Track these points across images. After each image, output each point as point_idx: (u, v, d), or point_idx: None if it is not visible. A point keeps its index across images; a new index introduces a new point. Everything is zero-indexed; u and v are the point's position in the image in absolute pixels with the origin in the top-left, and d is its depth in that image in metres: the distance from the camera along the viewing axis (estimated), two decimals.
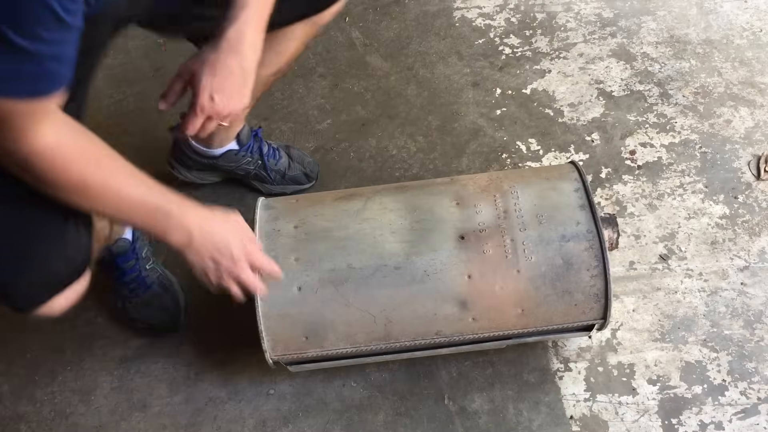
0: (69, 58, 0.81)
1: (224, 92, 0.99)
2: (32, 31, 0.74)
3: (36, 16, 0.73)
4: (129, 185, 0.94)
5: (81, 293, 1.03)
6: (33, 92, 0.80)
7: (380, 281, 1.08)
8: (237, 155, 1.47)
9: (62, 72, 0.81)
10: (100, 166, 0.91)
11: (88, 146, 0.91)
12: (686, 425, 1.19)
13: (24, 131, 0.82)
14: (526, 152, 1.60)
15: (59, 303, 1.00)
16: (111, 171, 0.92)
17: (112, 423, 1.27)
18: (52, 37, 0.76)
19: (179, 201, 0.98)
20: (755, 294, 1.34)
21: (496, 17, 1.91)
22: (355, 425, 1.23)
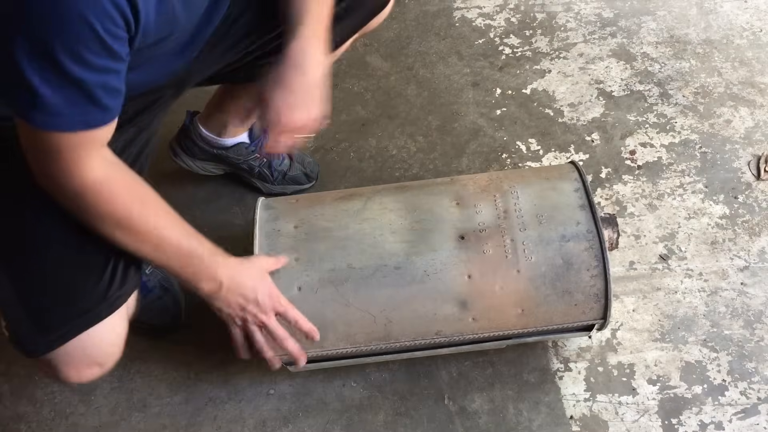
0: (118, 90, 0.82)
1: (290, 107, 1.01)
2: (81, 56, 0.75)
3: (83, 41, 0.74)
4: (169, 227, 0.96)
5: (114, 356, 1.01)
6: (84, 124, 0.81)
7: (380, 281, 1.08)
8: (247, 149, 1.47)
9: (111, 104, 0.82)
10: (144, 205, 0.93)
11: (134, 184, 0.93)
12: (686, 425, 1.19)
13: (75, 164, 0.84)
14: (526, 152, 1.60)
15: (91, 371, 1.00)
16: (154, 211, 0.95)
17: (112, 423, 1.27)
18: (99, 64, 0.77)
19: (213, 250, 1.01)
20: (755, 294, 1.34)
21: (496, 17, 1.91)
22: (355, 425, 1.23)
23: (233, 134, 1.45)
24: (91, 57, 0.75)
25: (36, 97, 0.76)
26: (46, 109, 0.77)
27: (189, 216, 1.54)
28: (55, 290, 0.96)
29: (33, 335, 0.94)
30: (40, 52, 0.73)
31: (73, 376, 0.98)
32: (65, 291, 0.96)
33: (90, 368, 0.99)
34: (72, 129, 0.80)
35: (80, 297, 0.96)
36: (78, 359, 0.96)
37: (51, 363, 0.96)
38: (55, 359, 0.95)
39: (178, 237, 0.97)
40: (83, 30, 0.73)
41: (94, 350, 0.97)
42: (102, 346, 0.97)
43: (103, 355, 0.98)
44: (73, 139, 0.81)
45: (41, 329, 0.94)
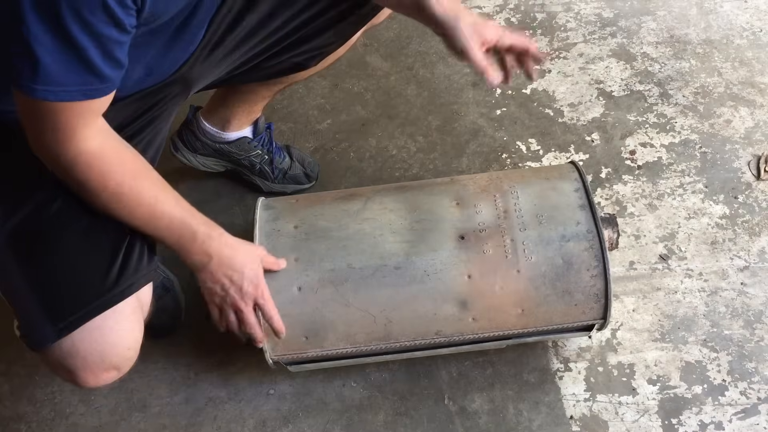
0: (119, 61, 0.82)
1: (484, 26, 1.03)
2: (86, 22, 0.75)
3: (90, 5, 0.74)
4: (162, 200, 0.96)
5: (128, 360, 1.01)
6: (82, 94, 0.81)
7: (380, 281, 1.08)
8: (249, 144, 1.46)
9: (111, 74, 0.82)
10: (136, 177, 0.93)
11: (127, 157, 0.93)
12: (686, 425, 1.19)
13: (71, 133, 0.84)
14: (526, 152, 1.60)
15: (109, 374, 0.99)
16: (148, 183, 0.95)
17: (112, 423, 1.27)
18: (104, 31, 0.77)
19: (209, 225, 1.01)
20: (755, 294, 1.34)
21: (496, 17, 1.91)
22: (355, 425, 1.23)
23: (236, 128, 1.44)
24: (96, 23, 0.75)
25: (36, 64, 0.76)
26: (46, 78, 0.77)
27: None
28: (66, 277, 0.96)
29: (43, 324, 0.93)
30: (47, 13, 0.73)
31: (90, 380, 0.98)
32: (75, 277, 0.96)
33: (107, 372, 0.98)
34: (70, 99, 0.80)
35: (90, 283, 0.95)
36: (96, 364, 0.96)
37: (69, 368, 0.96)
38: (73, 364, 0.95)
39: (171, 210, 0.97)
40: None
41: (111, 354, 0.96)
42: (119, 350, 0.97)
43: (120, 359, 0.98)
44: (70, 109, 0.81)
45: (52, 317, 0.93)
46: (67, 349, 0.94)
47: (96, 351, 0.95)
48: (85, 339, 0.94)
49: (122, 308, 0.96)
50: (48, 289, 0.95)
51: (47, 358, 0.97)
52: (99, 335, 0.94)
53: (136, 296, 0.99)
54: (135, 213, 0.94)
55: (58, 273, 0.96)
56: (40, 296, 0.94)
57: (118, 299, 0.96)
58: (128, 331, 0.98)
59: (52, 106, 0.81)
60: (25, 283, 0.95)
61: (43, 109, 0.81)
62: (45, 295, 0.94)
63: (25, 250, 0.96)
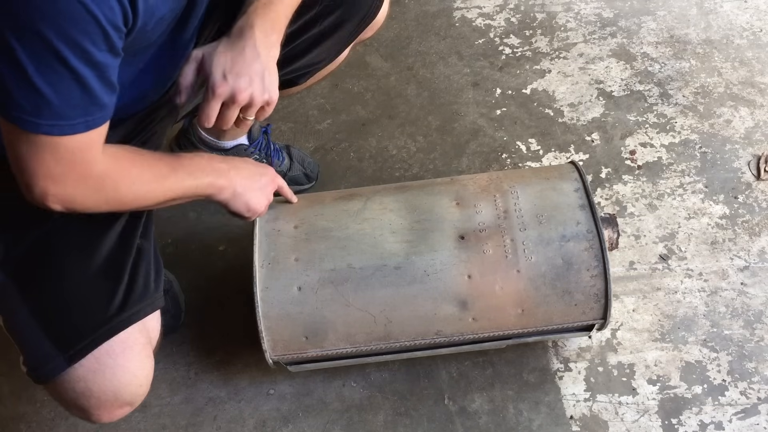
0: (115, 86, 0.81)
1: (239, 73, 0.91)
2: (84, 50, 0.73)
3: (88, 33, 0.72)
4: (176, 178, 0.96)
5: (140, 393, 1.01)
6: (87, 124, 0.80)
7: (380, 281, 1.08)
8: (246, 150, 1.47)
9: (109, 101, 0.81)
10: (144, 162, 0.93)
11: (135, 158, 0.93)
12: (686, 425, 1.19)
13: (92, 154, 0.84)
14: (526, 152, 1.60)
15: (122, 410, 1.00)
16: (158, 173, 0.95)
17: (112, 423, 1.26)
18: (100, 58, 0.76)
19: (215, 166, 1.03)
20: (755, 294, 1.34)
21: (496, 17, 1.91)
22: (355, 425, 1.23)
23: (232, 137, 1.45)
24: (93, 50, 0.74)
25: (39, 98, 0.74)
26: (50, 112, 0.76)
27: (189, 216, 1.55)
28: (71, 306, 0.95)
29: (53, 354, 0.93)
30: (43, 46, 0.71)
31: (104, 417, 0.98)
32: (81, 306, 0.95)
33: (121, 408, 0.99)
34: (73, 132, 0.79)
35: (97, 310, 0.95)
36: (109, 402, 0.96)
37: (83, 407, 0.96)
38: (87, 404, 0.95)
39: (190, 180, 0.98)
40: (88, 21, 0.72)
41: (124, 393, 0.97)
42: (132, 388, 0.97)
43: (133, 396, 0.98)
44: (75, 141, 0.80)
45: (60, 346, 0.93)
46: (80, 390, 0.94)
47: (110, 390, 0.95)
48: (98, 380, 0.94)
49: (132, 345, 0.96)
50: (54, 319, 0.94)
51: (60, 396, 0.96)
52: (111, 375, 0.94)
53: (145, 330, 0.99)
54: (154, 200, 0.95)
55: (63, 302, 0.95)
56: (47, 327, 0.94)
57: (125, 325, 0.95)
58: (140, 369, 0.98)
59: (56, 140, 0.79)
60: (31, 315, 0.94)
61: (45, 142, 0.79)
62: (52, 325, 0.94)
63: (29, 282, 0.96)
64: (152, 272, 1.02)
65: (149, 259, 1.02)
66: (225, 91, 0.91)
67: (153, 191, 0.94)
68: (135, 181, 0.91)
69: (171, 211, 1.52)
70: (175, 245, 1.48)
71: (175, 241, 1.48)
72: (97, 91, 0.78)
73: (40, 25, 0.70)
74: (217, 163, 1.04)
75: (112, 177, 0.88)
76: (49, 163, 0.81)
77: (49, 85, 0.74)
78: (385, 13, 1.28)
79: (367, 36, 1.29)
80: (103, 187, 0.88)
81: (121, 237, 0.99)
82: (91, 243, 0.97)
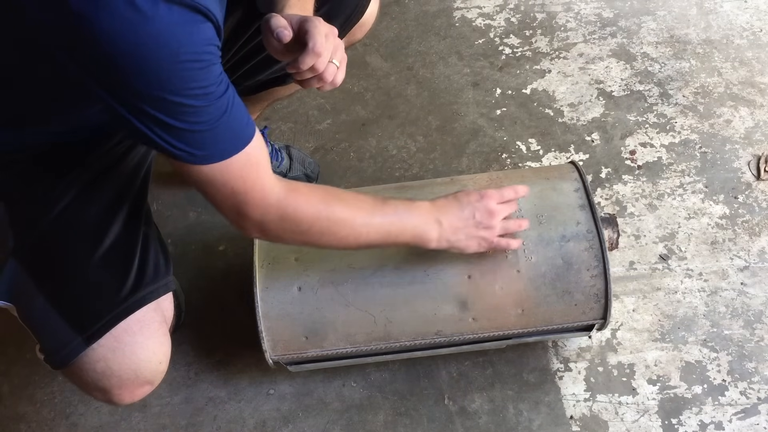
0: (239, 100, 0.83)
1: (330, 31, 0.93)
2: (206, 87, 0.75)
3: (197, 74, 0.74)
4: (371, 214, 0.96)
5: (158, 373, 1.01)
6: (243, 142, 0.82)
7: (380, 281, 1.08)
8: None
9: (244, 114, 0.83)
10: (340, 200, 0.94)
11: (317, 192, 0.94)
12: (686, 425, 1.19)
13: (264, 177, 0.85)
14: (526, 152, 1.60)
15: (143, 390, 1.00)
16: (350, 204, 0.95)
17: (112, 423, 1.27)
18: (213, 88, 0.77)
19: (415, 212, 1.00)
20: (755, 294, 1.34)
21: (496, 17, 1.91)
22: (355, 425, 1.23)
23: None
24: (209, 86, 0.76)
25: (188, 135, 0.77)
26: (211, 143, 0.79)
27: (189, 216, 1.55)
28: (85, 289, 0.96)
29: (71, 336, 0.94)
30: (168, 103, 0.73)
31: (126, 397, 0.98)
32: (95, 288, 0.96)
33: (142, 387, 0.99)
34: (236, 150, 0.81)
35: (111, 292, 0.96)
36: (130, 380, 0.97)
37: (104, 388, 0.96)
38: (108, 384, 0.96)
39: (373, 222, 0.96)
40: (193, 66, 0.73)
41: (144, 370, 0.97)
42: (152, 365, 0.98)
43: (152, 374, 0.99)
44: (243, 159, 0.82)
45: (78, 328, 0.94)
46: (101, 370, 0.95)
47: (130, 369, 0.96)
48: (117, 359, 0.95)
49: (149, 323, 0.97)
50: (69, 304, 0.95)
51: (81, 379, 0.97)
52: (131, 353, 0.95)
53: (160, 310, 1.00)
54: (345, 238, 0.95)
55: (77, 287, 0.96)
56: (63, 311, 0.94)
57: (140, 305, 0.96)
58: (159, 345, 0.99)
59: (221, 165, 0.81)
60: (46, 302, 0.95)
61: (213, 172, 0.82)
62: (68, 310, 0.95)
63: (42, 270, 0.96)
64: (161, 257, 1.02)
65: (156, 245, 1.03)
66: (326, 49, 0.91)
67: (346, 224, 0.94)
68: (325, 210, 0.92)
69: (171, 210, 1.53)
70: (175, 245, 1.48)
71: (175, 241, 1.48)
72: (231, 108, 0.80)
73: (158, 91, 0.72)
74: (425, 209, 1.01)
75: (297, 202, 0.89)
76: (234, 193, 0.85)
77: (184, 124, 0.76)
78: (374, 16, 1.27)
79: (357, 38, 1.28)
80: (297, 210, 0.89)
81: (127, 224, 1.00)
82: (100, 229, 0.97)
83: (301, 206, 0.90)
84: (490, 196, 1.04)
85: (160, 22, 0.68)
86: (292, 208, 0.89)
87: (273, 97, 1.36)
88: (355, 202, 0.96)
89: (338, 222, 0.93)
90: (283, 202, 0.88)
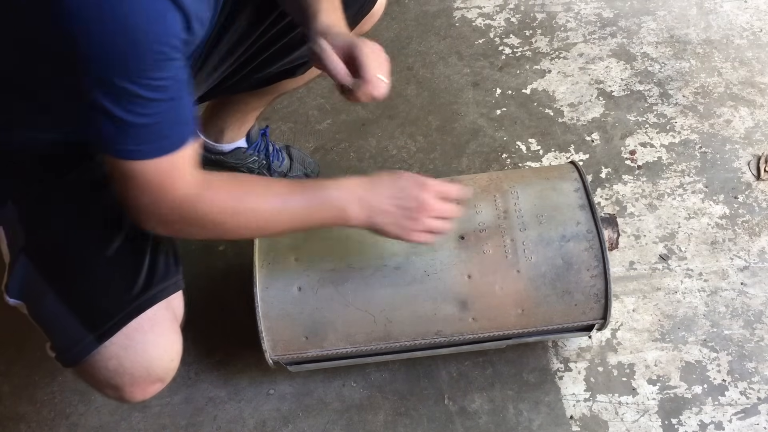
0: (190, 101, 0.82)
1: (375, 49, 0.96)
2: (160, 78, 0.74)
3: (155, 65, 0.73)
4: (284, 199, 0.94)
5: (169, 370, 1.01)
6: (180, 143, 0.81)
7: (380, 281, 1.08)
8: (245, 153, 1.47)
9: (189, 117, 0.82)
10: (250, 192, 0.92)
11: (229, 180, 0.93)
12: (686, 425, 1.19)
13: (175, 179, 0.84)
14: (526, 152, 1.60)
15: (154, 387, 0.99)
16: (260, 193, 0.93)
17: (112, 423, 1.27)
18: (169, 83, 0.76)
19: (336, 186, 0.96)
20: (755, 294, 1.34)
21: (496, 17, 1.91)
22: (355, 425, 1.23)
23: (230, 140, 1.45)
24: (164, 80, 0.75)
25: (127, 127, 0.76)
26: (137, 137, 0.77)
27: None
28: (97, 286, 0.96)
29: (82, 334, 0.94)
30: (117, 89, 0.73)
31: (138, 395, 0.98)
32: (107, 286, 0.96)
33: (153, 385, 0.99)
34: (159, 154, 0.80)
35: (122, 290, 0.96)
36: (142, 378, 0.96)
37: (116, 385, 0.96)
38: (120, 381, 0.95)
39: (300, 200, 0.95)
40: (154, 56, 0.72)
41: (156, 368, 0.97)
42: (163, 362, 0.98)
43: (164, 371, 0.99)
44: (163, 164, 0.81)
45: (90, 326, 0.94)
46: (113, 368, 0.94)
47: (142, 366, 0.95)
48: (129, 356, 0.94)
49: (160, 321, 0.97)
50: (81, 301, 0.95)
51: (93, 377, 0.97)
52: (143, 350, 0.95)
53: (171, 309, 1.00)
54: (263, 228, 0.95)
55: (89, 285, 0.96)
56: (74, 309, 0.94)
57: (151, 303, 0.96)
58: (170, 343, 0.98)
59: (146, 163, 0.80)
60: (57, 299, 0.95)
61: (136, 168, 0.81)
62: (79, 307, 0.94)
63: (53, 268, 0.96)
64: (171, 255, 1.02)
65: (166, 243, 1.03)
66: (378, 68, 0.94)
67: (261, 212, 0.93)
68: (238, 202, 0.91)
69: None
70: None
71: None
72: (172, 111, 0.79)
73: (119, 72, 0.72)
74: (329, 183, 0.97)
75: (209, 197, 0.88)
76: (144, 186, 0.83)
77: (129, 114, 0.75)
78: (383, 6, 1.28)
79: (365, 29, 1.29)
80: (208, 205, 0.88)
81: None
82: (110, 227, 0.97)
83: (211, 208, 0.89)
84: (429, 188, 0.99)
85: (128, 4, 0.68)
86: (201, 212, 0.88)
87: (280, 90, 1.35)
88: (268, 191, 0.94)
89: (251, 216, 0.92)
90: (193, 206, 0.87)
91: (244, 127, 1.44)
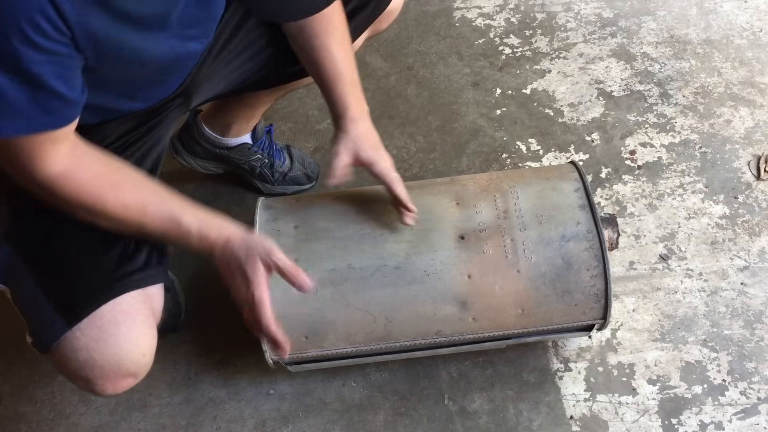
0: (74, 85, 0.81)
1: (380, 152, 1.10)
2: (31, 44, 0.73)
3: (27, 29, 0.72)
4: (147, 204, 0.93)
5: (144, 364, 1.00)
6: (41, 126, 0.80)
7: (380, 281, 1.08)
8: (250, 149, 1.47)
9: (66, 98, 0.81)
10: (114, 188, 0.91)
11: (101, 171, 0.91)
12: (686, 425, 1.19)
13: (34, 160, 0.83)
14: (526, 152, 1.60)
15: (126, 382, 0.99)
16: (131, 193, 0.93)
17: (112, 423, 1.27)
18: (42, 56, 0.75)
19: (199, 216, 0.96)
20: (755, 294, 1.34)
21: (496, 17, 1.91)
22: (355, 425, 1.23)
23: (236, 134, 1.44)
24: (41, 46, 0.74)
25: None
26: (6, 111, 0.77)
27: None
28: (74, 272, 0.96)
29: (54, 319, 0.94)
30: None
31: (109, 388, 0.98)
32: (83, 272, 0.97)
33: (125, 379, 0.99)
34: (27, 131, 0.80)
35: (98, 274, 0.96)
36: (113, 371, 0.96)
37: (86, 377, 0.96)
38: (91, 373, 0.95)
39: (160, 210, 0.93)
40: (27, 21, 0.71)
41: (127, 361, 0.97)
42: (134, 356, 0.97)
43: (136, 366, 0.99)
44: (29, 140, 0.81)
45: (61, 310, 0.94)
46: (84, 359, 0.94)
47: (113, 359, 0.95)
48: (100, 348, 0.94)
49: (135, 315, 0.97)
50: (56, 285, 0.95)
51: (65, 367, 0.97)
52: (114, 343, 0.95)
53: (148, 303, 0.99)
54: (124, 223, 0.93)
55: (66, 269, 0.97)
56: (50, 293, 0.95)
57: (125, 290, 0.96)
58: (143, 338, 0.98)
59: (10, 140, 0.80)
60: (36, 284, 0.95)
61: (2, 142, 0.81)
62: (54, 291, 0.95)
63: (34, 253, 0.97)
64: (155, 250, 1.02)
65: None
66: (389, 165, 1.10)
67: (124, 209, 0.91)
68: (103, 191, 0.90)
69: None
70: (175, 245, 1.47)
71: None
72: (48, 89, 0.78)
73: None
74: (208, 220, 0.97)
75: (73, 180, 0.88)
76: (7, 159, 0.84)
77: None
78: (400, 4, 1.28)
79: (382, 27, 1.29)
80: (63, 187, 0.87)
81: None
82: None
83: (78, 192, 0.88)
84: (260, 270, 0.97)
85: None
86: (67, 194, 0.88)
87: (293, 86, 1.35)
88: (140, 188, 0.94)
89: (106, 216, 0.91)
90: (60, 187, 0.87)
91: (251, 122, 1.44)
